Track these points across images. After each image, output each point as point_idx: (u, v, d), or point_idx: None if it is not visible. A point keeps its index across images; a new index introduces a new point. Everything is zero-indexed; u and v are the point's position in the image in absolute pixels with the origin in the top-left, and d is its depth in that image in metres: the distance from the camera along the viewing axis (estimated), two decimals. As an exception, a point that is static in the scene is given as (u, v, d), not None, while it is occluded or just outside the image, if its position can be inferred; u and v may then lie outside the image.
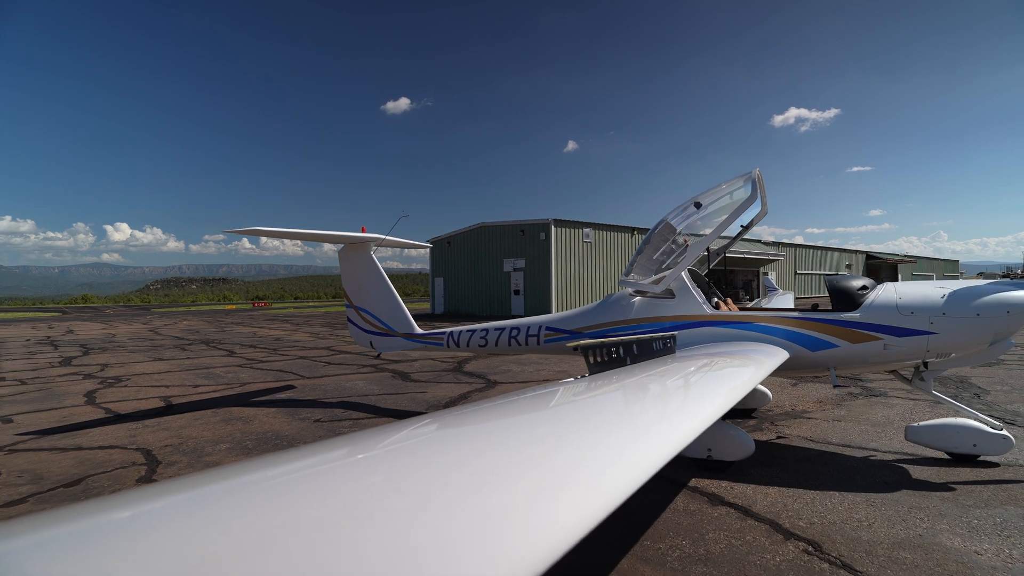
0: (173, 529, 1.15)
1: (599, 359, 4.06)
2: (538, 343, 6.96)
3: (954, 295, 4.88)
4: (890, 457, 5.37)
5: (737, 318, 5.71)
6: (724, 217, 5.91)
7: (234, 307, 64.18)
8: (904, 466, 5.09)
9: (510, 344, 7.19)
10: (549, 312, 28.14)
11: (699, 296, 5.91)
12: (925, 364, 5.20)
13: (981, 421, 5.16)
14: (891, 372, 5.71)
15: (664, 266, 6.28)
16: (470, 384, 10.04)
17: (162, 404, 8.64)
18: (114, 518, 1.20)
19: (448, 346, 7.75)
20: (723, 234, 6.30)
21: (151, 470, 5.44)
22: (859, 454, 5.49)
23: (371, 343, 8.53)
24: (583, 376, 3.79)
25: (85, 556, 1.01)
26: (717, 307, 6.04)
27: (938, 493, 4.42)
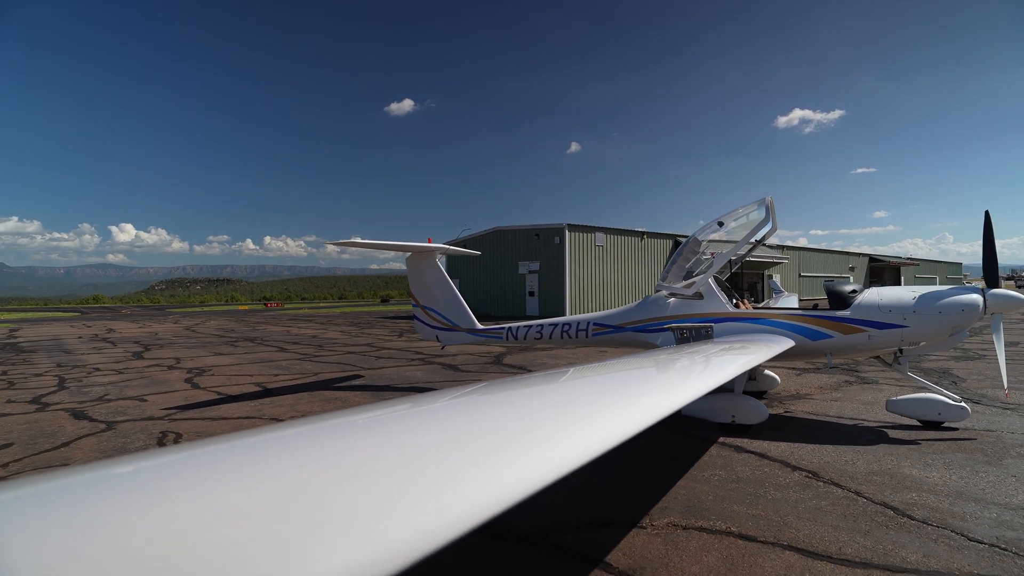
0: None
1: (679, 336, 5.66)
2: (587, 336, 8.43)
3: (922, 297, 6.34)
4: (874, 424, 6.83)
5: (753, 315, 7.18)
6: (742, 234, 7.39)
7: (247, 307, 62.73)
8: (884, 430, 6.55)
9: (562, 337, 8.66)
10: (564, 313, 29.63)
11: (722, 297, 7.37)
12: (900, 351, 6.68)
13: (945, 396, 6.62)
14: (875, 357, 7.17)
15: (694, 273, 7.75)
16: (514, 374, 11.52)
17: (259, 388, 10.15)
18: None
19: (507, 339, 9.23)
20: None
21: (293, 433, 6.92)
22: (849, 423, 6.96)
23: (437, 337, 10.03)
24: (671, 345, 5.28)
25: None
26: (736, 306, 7.50)
27: (906, 446, 5.89)
